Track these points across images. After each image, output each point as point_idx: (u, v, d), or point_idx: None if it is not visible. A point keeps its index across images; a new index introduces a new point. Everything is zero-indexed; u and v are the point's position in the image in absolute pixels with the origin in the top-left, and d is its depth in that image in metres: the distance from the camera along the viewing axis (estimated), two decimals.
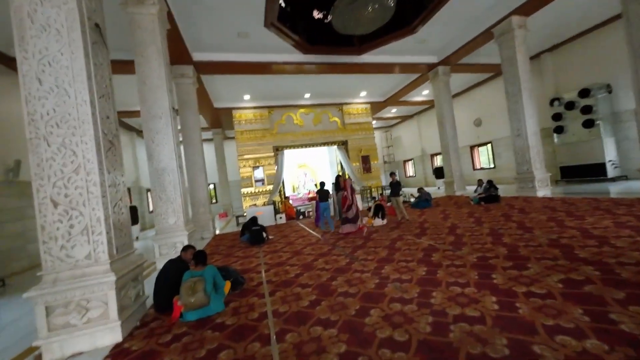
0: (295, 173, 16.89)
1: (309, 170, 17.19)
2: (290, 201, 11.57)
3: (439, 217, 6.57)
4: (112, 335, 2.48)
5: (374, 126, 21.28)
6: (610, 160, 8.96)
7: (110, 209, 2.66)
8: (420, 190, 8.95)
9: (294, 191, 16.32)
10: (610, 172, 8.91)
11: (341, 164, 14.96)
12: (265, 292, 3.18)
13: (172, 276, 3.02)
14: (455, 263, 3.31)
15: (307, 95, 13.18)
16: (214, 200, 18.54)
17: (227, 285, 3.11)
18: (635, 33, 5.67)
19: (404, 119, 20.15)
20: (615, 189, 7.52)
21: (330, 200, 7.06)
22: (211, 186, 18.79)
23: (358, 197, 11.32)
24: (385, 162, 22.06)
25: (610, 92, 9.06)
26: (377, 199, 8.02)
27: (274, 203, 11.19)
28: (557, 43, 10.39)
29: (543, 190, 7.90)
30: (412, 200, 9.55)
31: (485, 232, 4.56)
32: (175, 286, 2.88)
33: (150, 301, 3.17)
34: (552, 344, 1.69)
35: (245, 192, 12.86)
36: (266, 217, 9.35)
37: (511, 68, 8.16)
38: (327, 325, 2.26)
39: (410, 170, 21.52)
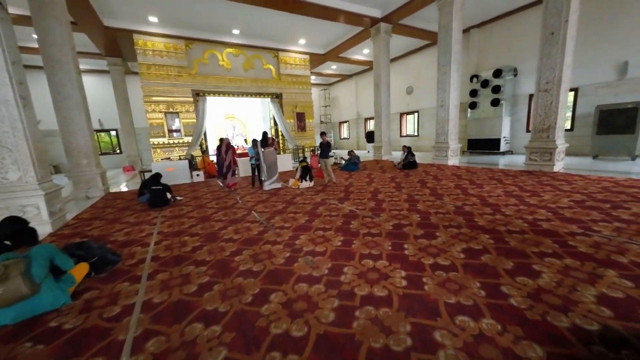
0: (222, 125, 15.03)
1: (239, 123, 15.51)
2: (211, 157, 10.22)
3: (364, 180, 6.62)
4: None
5: (312, 82, 20.22)
6: (504, 137, 10.51)
7: None
8: (350, 153, 8.92)
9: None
10: (503, 146, 10.52)
11: (274, 119, 13.84)
12: (144, 273, 2.48)
13: None
14: (372, 231, 3.18)
15: (235, 32, 11.09)
16: (117, 151, 15.32)
17: (81, 270, 2.26)
18: (548, 19, 6.10)
19: (343, 78, 19.58)
20: (503, 161, 8.91)
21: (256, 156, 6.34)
22: (113, 132, 15.33)
23: (289, 156, 10.78)
24: (321, 122, 21.67)
25: (515, 75, 10.24)
26: (306, 159, 7.55)
27: (191, 158, 9.67)
28: (485, 20, 10.94)
29: (453, 159, 8.80)
30: (343, 162, 9.54)
31: (403, 198, 4.67)
32: None
33: None
34: (453, 327, 1.59)
35: (157, 143, 10.77)
36: (179, 174, 8.02)
37: (446, 37, 8.19)
38: (211, 321, 1.77)
39: (344, 132, 21.79)
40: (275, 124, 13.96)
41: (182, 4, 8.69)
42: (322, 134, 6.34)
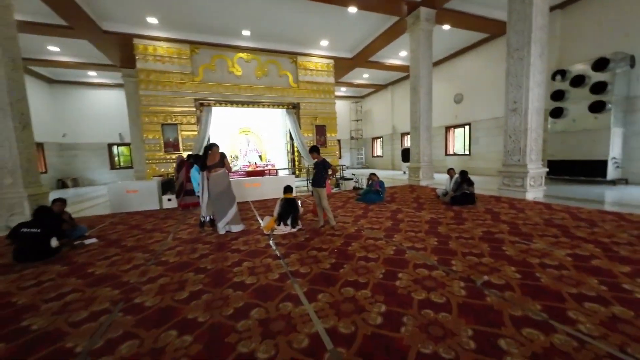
0: (236, 139, 13.62)
1: (254, 137, 13.98)
2: None
3: (384, 224, 4.03)
4: None
5: (342, 94, 18.27)
6: (613, 158, 6.98)
7: None
8: (371, 176, 6.36)
9: (230, 162, 13.17)
10: (611, 172, 6.96)
11: (290, 133, 11.95)
12: None
13: None
14: None
15: (245, 33, 9.63)
16: (130, 165, 14.87)
17: None
18: None
19: (377, 89, 17.25)
20: (614, 195, 5.58)
21: (199, 180, 4.22)
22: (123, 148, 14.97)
23: (292, 178, 8.50)
24: (352, 138, 19.43)
25: (632, 66, 6.82)
26: (291, 188, 4.65)
27: (172, 178, 8.01)
28: None
29: (534, 192, 5.69)
30: (363, 188, 7.03)
31: (458, 291, 2.03)
32: None
33: None
34: None
35: (152, 158, 9.53)
36: (145, 199, 6.29)
37: (521, 6, 5.45)
38: None
39: (378, 149, 19.14)
40: (291, 138, 12.05)
41: (180, 1, 7.43)
42: (313, 149, 3.99)
